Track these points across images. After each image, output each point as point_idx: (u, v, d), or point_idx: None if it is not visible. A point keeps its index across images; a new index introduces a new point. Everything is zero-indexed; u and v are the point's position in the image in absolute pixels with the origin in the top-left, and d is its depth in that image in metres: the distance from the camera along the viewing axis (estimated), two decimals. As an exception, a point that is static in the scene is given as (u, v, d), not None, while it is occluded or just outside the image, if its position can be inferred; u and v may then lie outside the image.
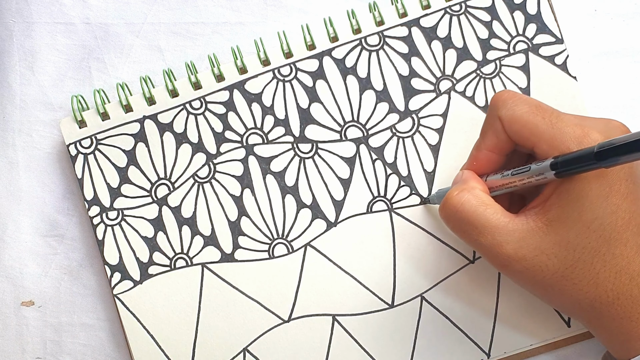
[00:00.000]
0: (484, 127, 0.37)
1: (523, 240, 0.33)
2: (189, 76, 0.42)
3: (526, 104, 0.35)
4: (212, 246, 0.42)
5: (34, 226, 0.44)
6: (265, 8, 0.44)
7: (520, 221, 0.34)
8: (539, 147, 0.34)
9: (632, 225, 0.33)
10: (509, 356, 0.41)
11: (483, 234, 0.34)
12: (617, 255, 0.33)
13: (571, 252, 0.33)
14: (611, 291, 0.33)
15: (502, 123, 0.35)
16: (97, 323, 0.43)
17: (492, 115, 0.36)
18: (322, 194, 0.42)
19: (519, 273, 0.34)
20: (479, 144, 0.37)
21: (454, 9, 0.42)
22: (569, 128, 0.33)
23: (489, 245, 0.34)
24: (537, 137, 0.34)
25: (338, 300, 0.41)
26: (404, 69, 0.42)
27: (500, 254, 0.34)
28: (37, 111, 0.44)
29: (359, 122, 0.42)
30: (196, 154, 0.42)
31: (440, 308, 0.41)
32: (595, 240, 0.33)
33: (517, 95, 0.35)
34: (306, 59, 0.42)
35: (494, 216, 0.34)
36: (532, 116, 0.34)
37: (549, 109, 0.34)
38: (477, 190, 0.35)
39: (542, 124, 0.33)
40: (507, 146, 0.36)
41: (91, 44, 0.44)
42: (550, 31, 0.42)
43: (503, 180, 0.36)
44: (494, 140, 0.36)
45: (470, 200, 0.35)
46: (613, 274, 0.33)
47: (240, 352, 0.41)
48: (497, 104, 0.35)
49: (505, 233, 0.34)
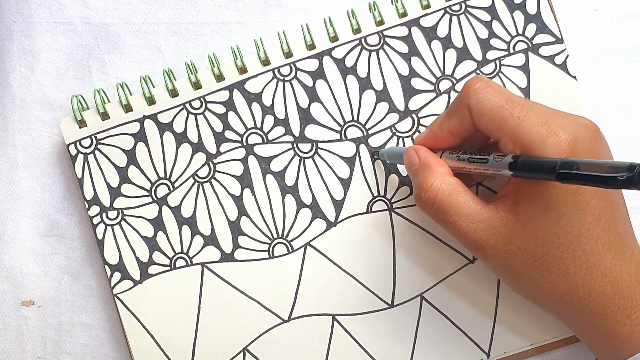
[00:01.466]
0: (451, 108, 0.37)
1: (494, 228, 0.34)
2: (189, 76, 0.42)
3: (497, 96, 0.34)
4: (212, 246, 0.42)
5: (34, 226, 0.44)
6: (265, 8, 0.44)
7: (491, 210, 0.34)
8: (502, 142, 0.34)
9: (602, 221, 0.33)
10: (509, 356, 0.41)
11: (457, 220, 0.35)
12: (588, 252, 0.33)
13: (540, 246, 0.33)
14: (582, 287, 0.33)
15: (471, 112, 0.35)
16: (97, 323, 0.43)
17: (462, 101, 0.35)
18: (322, 194, 0.42)
19: (491, 257, 0.34)
20: (441, 123, 0.37)
21: (453, 9, 0.42)
22: (535, 127, 0.33)
23: (463, 231, 0.35)
24: (503, 132, 0.34)
25: (338, 300, 0.41)
26: (404, 69, 0.42)
27: (474, 240, 0.34)
28: (37, 111, 0.44)
29: (358, 122, 0.42)
30: (196, 153, 0.42)
31: (440, 308, 0.41)
32: (564, 236, 0.33)
33: (490, 84, 0.35)
34: (306, 59, 0.42)
35: (466, 204, 0.35)
36: (500, 110, 0.34)
37: (519, 102, 0.34)
38: (447, 176, 0.36)
39: (509, 119, 0.33)
40: (469, 132, 0.36)
41: (91, 44, 0.44)
42: (550, 31, 0.42)
43: (458, 163, 0.36)
44: (458, 125, 0.36)
45: (444, 188, 0.35)
46: (584, 270, 0.33)
47: (240, 351, 0.41)
48: (468, 91, 0.35)
49: (478, 220, 0.34)
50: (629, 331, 0.33)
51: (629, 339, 0.33)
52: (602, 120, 0.42)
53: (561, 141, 0.32)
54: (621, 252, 0.34)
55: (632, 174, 0.26)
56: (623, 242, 0.34)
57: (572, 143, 0.32)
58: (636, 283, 0.33)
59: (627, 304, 0.33)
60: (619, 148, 0.42)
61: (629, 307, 0.33)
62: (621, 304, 0.33)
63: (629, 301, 0.33)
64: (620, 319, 0.33)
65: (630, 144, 0.42)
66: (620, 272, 0.33)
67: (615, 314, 0.33)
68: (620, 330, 0.33)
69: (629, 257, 0.34)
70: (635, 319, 0.33)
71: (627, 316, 0.33)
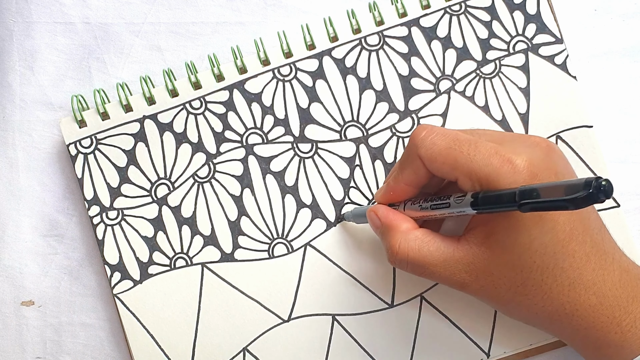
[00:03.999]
0: (402, 161, 0.36)
1: (472, 264, 0.34)
2: (188, 76, 0.42)
3: (443, 139, 0.34)
4: (212, 246, 0.42)
5: (34, 226, 0.44)
6: (265, 8, 0.44)
7: (464, 248, 0.34)
8: (460, 180, 0.34)
9: (574, 235, 0.33)
10: (509, 356, 0.41)
11: (435, 270, 0.35)
12: (567, 269, 0.33)
13: (518, 272, 0.33)
14: (567, 304, 0.33)
15: (422, 160, 0.35)
16: (97, 323, 0.43)
17: (412, 152, 0.35)
18: (322, 194, 0.42)
19: (476, 291, 0.34)
20: (396, 177, 0.37)
21: (453, 9, 0.42)
22: (486, 160, 0.32)
23: (444, 276, 0.35)
24: (458, 172, 0.33)
25: (338, 300, 0.41)
26: (404, 69, 0.42)
27: (457, 280, 0.34)
28: (37, 111, 0.44)
29: (358, 122, 0.42)
30: (196, 153, 0.42)
31: (440, 308, 0.41)
32: (540, 258, 0.32)
33: (435, 130, 0.35)
34: (306, 59, 0.42)
35: (438, 251, 0.34)
36: (450, 151, 0.34)
37: (466, 140, 0.34)
38: (412, 232, 0.36)
39: (460, 158, 0.33)
40: (425, 180, 0.36)
41: (91, 44, 0.44)
42: (550, 31, 0.42)
43: (422, 212, 0.36)
44: (413, 176, 0.36)
45: (411, 246, 0.35)
46: (566, 287, 0.33)
47: (240, 351, 0.41)
48: (415, 141, 0.35)
49: (454, 262, 0.34)
50: (621, 339, 0.33)
51: (621, 347, 0.33)
52: (602, 120, 0.42)
53: (517, 167, 0.32)
54: (601, 261, 0.33)
55: (590, 190, 0.26)
56: (602, 251, 0.34)
57: (528, 166, 0.32)
58: (621, 290, 0.33)
59: (616, 312, 0.33)
60: (619, 148, 0.42)
61: (618, 315, 0.33)
62: (610, 314, 0.33)
63: (617, 309, 0.33)
64: (611, 327, 0.33)
65: (630, 144, 0.42)
66: (603, 282, 0.33)
67: (605, 324, 0.33)
68: (612, 339, 0.33)
69: (610, 264, 0.34)
70: (626, 326, 0.33)
71: (618, 324, 0.33)
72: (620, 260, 0.34)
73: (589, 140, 0.41)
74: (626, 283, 0.33)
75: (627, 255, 0.35)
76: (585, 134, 0.41)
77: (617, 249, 0.35)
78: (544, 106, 0.41)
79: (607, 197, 0.26)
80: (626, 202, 0.42)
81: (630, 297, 0.33)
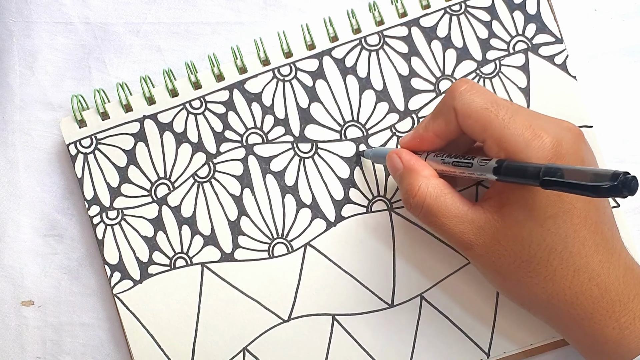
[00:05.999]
0: (436, 111, 0.36)
1: (482, 229, 0.34)
2: (188, 76, 0.42)
3: (482, 98, 0.34)
4: (211, 246, 0.42)
5: (34, 226, 0.44)
6: (265, 8, 0.44)
7: (478, 211, 0.34)
8: (487, 144, 0.34)
9: (588, 223, 0.33)
10: (509, 356, 0.41)
11: (446, 222, 0.35)
12: (575, 254, 0.33)
13: (526, 247, 0.33)
14: (569, 290, 0.33)
15: (456, 114, 0.35)
16: (97, 323, 0.43)
17: (447, 104, 0.35)
18: (322, 194, 0.42)
19: (480, 257, 0.35)
20: (426, 125, 0.37)
21: (453, 9, 0.42)
22: (519, 130, 0.32)
23: (452, 232, 0.35)
24: (488, 135, 0.33)
25: (338, 300, 0.41)
26: (404, 69, 0.42)
27: (463, 240, 0.35)
28: (37, 111, 0.44)
29: (358, 122, 0.42)
30: (196, 153, 0.42)
31: (440, 308, 0.41)
32: (550, 238, 0.32)
33: (475, 87, 0.35)
34: (306, 59, 0.42)
35: (453, 205, 0.35)
36: (486, 112, 0.34)
37: (505, 105, 0.34)
38: (433, 178, 0.36)
39: (494, 122, 0.33)
40: (455, 134, 0.36)
41: (91, 44, 0.44)
42: (549, 31, 0.42)
43: (443, 166, 0.36)
44: (444, 128, 0.36)
45: (431, 191, 0.35)
46: (571, 272, 0.33)
47: (240, 351, 0.41)
48: (453, 93, 0.35)
49: (466, 221, 0.34)
50: (619, 335, 0.33)
51: (619, 344, 0.33)
52: (602, 120, 0.42)
53: (545, 145, 0.32)
54: (608, 255, 0.33)
55: (615, 182, 0.26)
56: (610, 245, 0.34)
57: (556, 146, 0.32)
58: (624, 286, 0.33)
59: (616, 307, 0.33)
60: (619, 148, 0.42)
61: (618, 310, 0.33)
62: (609, 308, 0.33)
63: (617, 304, 0.33)
64: (609, 322, 0.33)
65: (630, 144, 0.43)
66: (607, 275, 0.33)
67: (604, 317, 0.33)
68: (609, 335, 0.33)
69: (617, 259, 0.34)
70: (624, 322, 0.33)
71: (616, 319, 0.33)
72: (626, 259, 0.34)
73: (589, 140, 0.41)
74: (629, 280, 0.34)
75: (631, 255, 0.35)
76: (585, 134, 0.41)
77: (623, 247, 0.35)
78: (543, 106, 0.41)
79: (631, 194, 0.26)
80: (626, 202, 0.42)
81: (631, 295, 0.33)
